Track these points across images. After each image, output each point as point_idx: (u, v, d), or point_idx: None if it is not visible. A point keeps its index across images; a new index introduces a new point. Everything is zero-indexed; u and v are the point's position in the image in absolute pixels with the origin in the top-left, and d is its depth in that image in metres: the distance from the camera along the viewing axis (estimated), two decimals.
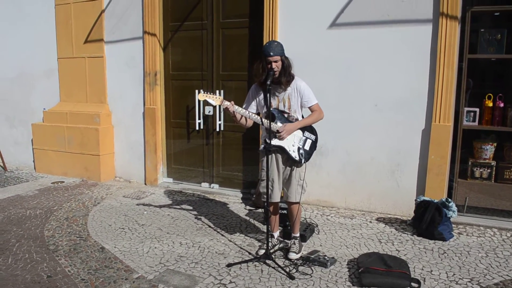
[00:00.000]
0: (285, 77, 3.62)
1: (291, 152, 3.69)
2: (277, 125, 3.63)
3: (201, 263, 3.73)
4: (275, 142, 3.64)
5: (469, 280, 3.40)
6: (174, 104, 5.95)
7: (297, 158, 3.70)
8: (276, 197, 3.78)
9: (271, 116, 3.58)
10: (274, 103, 3.70)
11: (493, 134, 4.56)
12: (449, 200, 4.21)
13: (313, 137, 3.79)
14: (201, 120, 5.71)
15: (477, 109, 4.50)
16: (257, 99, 3.80)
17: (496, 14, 4.33)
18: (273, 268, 3.61)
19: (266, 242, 3.72)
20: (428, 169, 4.54)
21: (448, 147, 4.47)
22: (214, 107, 5.56)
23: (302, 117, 3.78)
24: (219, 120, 5.57)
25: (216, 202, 5.38)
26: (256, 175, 5.53)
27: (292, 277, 3.45)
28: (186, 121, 5.88)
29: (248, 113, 3.69)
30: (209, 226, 4.57)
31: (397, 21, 4.49)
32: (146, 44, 5.77)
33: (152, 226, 4.58)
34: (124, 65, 5.99)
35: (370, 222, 4.67)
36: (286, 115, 3.71)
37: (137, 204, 5.28)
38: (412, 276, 3.41)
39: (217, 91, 5.52)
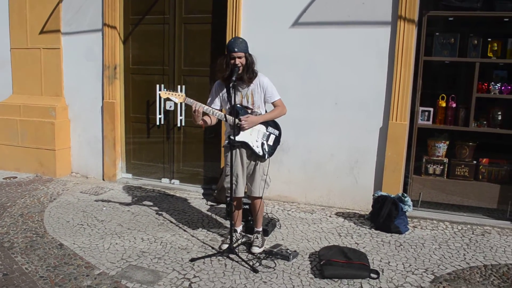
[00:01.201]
0: (248, 74, 3.63)
1: (255, 148, 3.72)
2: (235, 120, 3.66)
3: (164, 258, 3.70)
4: (239, 137, 3.66)
5: (424, 270, 3.58)
6: (134, 99, 5.84)
7: (261, 153, 3.74)
8: (240, 192, 3.80)
9: (233, 111, 3.60)
10: (237, 99, 3.70)
11: (445, 133, 4.81)
12: (405, 195, 4.40)
13: (276, 132, 3.84)
14: (162, 115, 5.64)
15: (431, 109, 4.73)
16: (220, 95, 3.80)
17: (450, 19, 4.55)
18: (237, 262, 3.64)
19: (229, 236, 3.74)
20: (385, 166, 4.72)
21: (404, 145, 4.66)
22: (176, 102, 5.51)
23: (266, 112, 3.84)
24: (180, 115, 5.52)
25: (177, 198, 5.34)
26: (216, 171, 5.52)
27: (256, 271, 3.49)
28: (146, 116, 5.79)
29: (212, 110, 3.69)
30: (171, 222, 4.53)
31: (357, 22, 4.64)
32: (105, 37, 5.62)
33: (112, 222, 4.48)
34: (82, 57, 5.80)
35: (330, 216, 4.79)
36: (249, 111, 3.73)
37: (96, 200, 5.14)
38: (371, 267, 3.54)
39: (179, 87, 5.47)
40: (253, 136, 3.72)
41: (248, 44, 3.62)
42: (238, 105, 3.68)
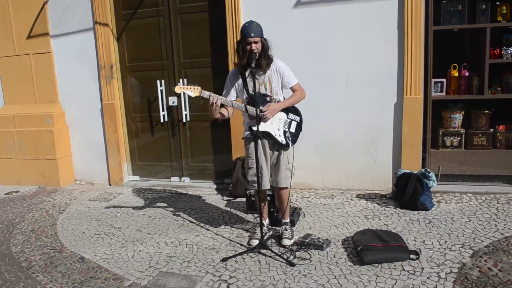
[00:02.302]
0: (265, 59, 3.48)
1: (277, 137, 3.58)
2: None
3: (194, 261, 3.55)
4: (260, 127, 3.50)
5: (461, 245, 3.51)
6: (134, 97, 5.63)
7: (284, 142, 3.60)
8: (266, 184, 3.66)
9: (254, 100, 3.44)
10: (256, 87, 3.55)
11: (460, 103, 4.73)
12: (428, 170, 4.31)
13: (298, 118, 3.70)
14: (165, 112, 5.44)
15: (444, 80, 4.63)
16: (236, 85, 3.63)
17: None
18: (270, 257, 3.52)
19: (260, 231, 3.62)
20: (403, 142, 4.62)
21: (420, 119, 4.56)
22: (179, 96, 5.32)
23: (284, 98, 3.69)
24: (185, 110, 5.34)
25: (190, 196, 5.18)
26: (227, 164, 5.38)
27: (292, 264, 3.37)
28: (149, 114, 5.59)
29: (230, 101, 3.53)
30: (191, 222, 4.39)
31: None
32: (98, 35, 5.36)
33: (130, 228, 4.31)
34: (75, 59, 5.54)
35: (351, 199, 4.70)
36: (268, 99, 3.57)
37: (107, 207, 4.96)
38: (409, 248, 3.48)
39: (181, 80, 5.27)
40: (274, 124, 3.57)
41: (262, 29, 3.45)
42: (256, 94, 3.52)
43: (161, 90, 5.36)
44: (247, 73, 3.56)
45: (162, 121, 5.46)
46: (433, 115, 4.66)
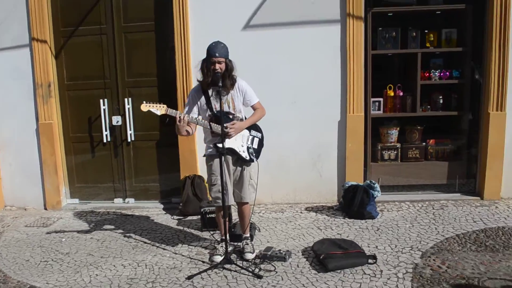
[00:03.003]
0: (229, 80, 3.56)
1: (241, 153, 3.66)
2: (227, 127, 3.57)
3: (158, 281, 3.46)
4: (226, 144, 3.55)
5: (410, 248, 3.81)
6: (73, 117, 5.36)
7: (248, 158, 3.69)
8: (231, 199, 3.70)
9: (220, 119, 3.48)
10: (218, 105, 3.60)
11: (395, 120, 5.16)
12: (373, 181, 4.64)
13: (259, 134, 3.83)
14: (108, 132, 5.27)
15: (381, 99, 5.05)
16: (198, 103, 3.67)
17: (389, 14, 4.90)
18: (235, 271, 3.54)
19: (225, 246, 3.62)
20: (347, 157, 4.92)
21: (362, 135, 4.91)
22: (123, 116, 5.19)
23: (245, 117, 3.78)
24: (130, 130, 5.21)
25: (138, 217, 5.01)
26: (174, 183, 5.32)
27: (260, 276, 3.42)
28: (89, 134, 5.35)
29: (195, 119, 3.56)
30: (145, 242, 4.25)
31: (308, 22, 4.78)
32: (35, 53, 5.07)
33: (79, 253, 4.07)
34: (7, 77, 5.17)
35: (301, 212, 4.87)
36: (231, 116, 3.66)
37: (48, 232, 4.62)
38: (366, 253, 3.70)
39: (125, 100, 5.16)
40: (238, 141, 3.65)
41: (228, 50, 3.57)
42: (218, 112, 3.56)
43: (104, 110, 5.19)
44: (210, 91, 3.62)
45: (104, 141, 5.26)
46: (372, 132, 5.05)
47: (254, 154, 3.71)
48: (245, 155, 3.67)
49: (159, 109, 3.45)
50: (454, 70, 4.92)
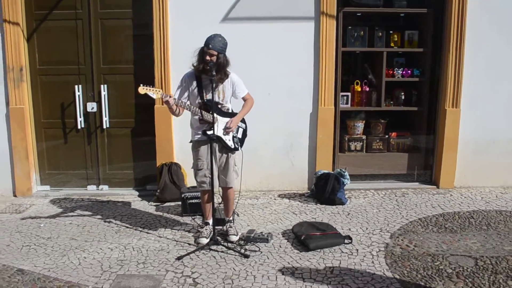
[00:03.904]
0: (220, 74, 3.73)
1: (227, 141, 3.86)
2: (216, 116, 3.75)
3: (149, 262, 3.59)
4: (210, 132, 3.73)
5: (380, 230, 4.18)
6: (45, 103, 5.27)
7: (233, 146, 3.90)
8: (216, 184, 3.89)
9: (211, 107, 3.67)
10: (209, 94, 3.77)
11: (361, 113, 5.54)
12: (343, 170, 4.98)
13: (243, 125, 4.05)
14: (82, 118, 5.23)
15: (349, 94, 5.40)
16: (190, 89, 3.81)
17: (358, 14, 5.25)
18: (222, 252, 3.73)
19: (213, 228, 3.81)
20: (317, 147, 5.23)
21: (332, 127, 5.24)
22: (99, 102, 5.18)
23: (232, 109, 3.98)
24: (105, 116, 5.21)
25: (114, 203, 5.04)
26: (149, 170, 5.40)
27: (247, 256, 3.65)
28: (62, 120, 5.29)
29: (189, 106, 3.71)
30: (127, 227, 4.33)
31: (285, 17, 5.01)
32: (6, 35, 4.93)
33: (62, 238, 4.08)
34: None
35: (275, 199, 5.13)
36: (219, 106, 3.84)
37: (23, 218, 4.56)
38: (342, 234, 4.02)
39: (102, 86, 5.15)
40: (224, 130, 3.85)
41: (226, 45, 3.78)
42: (209, 101, 3.73)
43: (79, 96, 5.16)
44: (203, 79, 3.77)
45: (79, 127, 5.22)
46: (340, 124, 5.39)
47: (238, 143, 3.93)
48: (230, 143, 3.88)
49: (155, 93, 3.58)
50: (415, 69, 5.37)
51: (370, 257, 3.63)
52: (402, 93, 5.41)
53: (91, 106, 5.22)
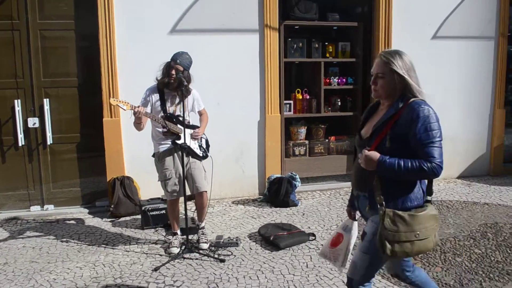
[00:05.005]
0: (180, 89, 3.80)
1: (196, 150, 3.97)
2: (178, 127, 3.85)
3: (126, 276, 3.54)
4: (181, 141, 3.82)
5: (336, 226, 4.53)
6: None
7: (201, 155, 4.03)
8: (184, 193, 3.96)
9: (173, 120, 3.82)
10: (171, 108, 3.89)
11: (303, 120, 5.90)
12: (294, 173, 5.28)
13: (205, 136, 4.19)
14: (22, 135, 4.91)
15: (291, 101, 5.75)
16: (153, 103, 3.87)
17: (296, 27, 5.63)
18: (197, 259, 3.80)
19: (186, 236, 3.86)
20: (266, 154, 5.49)
21: (279, 134, 5.52)
22: (41, 117, 4.91)
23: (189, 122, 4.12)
24: (49, 132, 4.95)
25: (65, 223, 4.80)
26: (98, 186, 5.26)
27: (223, 260, 3.76)
28: None
29: (154, 117, 3.77)
30: (88, 245, 4.18)
31: (232, 29, 5.23)
32: None
33: (20, 262, 3.82)
34: None
35: (230, 206, 5.27)
36: (181, 118, 3.93)
37: None
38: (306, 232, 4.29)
39: (45, 100, 4.90)
40: (192, 140, 3.96)
41: (191, 63, 3.92)
42: (171, 114, 3.87)
43: (18, 111, 4.85)
44: (166, 92, 3.84)
45: (20, 144, 4.90)
46: (285, 131, 5.70)
47: (204, 151, 4.07)
48: (198, 151, 4.01)
49: (125, 105, 3.59)
50: (348, 77, 5.89)
51: None
52: (338, 100, 5.90)
53: (33, 122, 4.93)
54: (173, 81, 3.77)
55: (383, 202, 2.18)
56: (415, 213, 2.17)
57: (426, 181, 2.29)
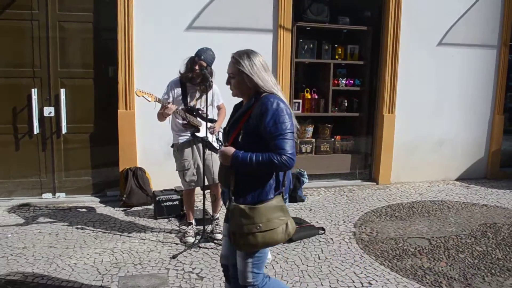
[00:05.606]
0: (203, 84, 3.96)
1: (213, 143, 4.09)
2: (198, 120, 3.99)
3: (146, 262, 3.66)
4: (200, 135, 3.96)
5: (343, 221, 4.70)
6: None
7: (218, 147, 4.12)
8: (202, 183, 4.08)
9: (193, 113, 3.96)
10: (192, 102, 4.02)
11: (310, 119, 6.06)
12: (302, 170, 5.42)
13: (221, 129, 4.29)
14: (37, 123, 4.99)
15: (300, 100, 5.90)
16: (175, 94, 3.99)
17: (308, 29, 5.78)
18: (213, 249, 3.93)
19: (203, 226, 4.00)
20: None
21: None
22: (56, 107, 5.00)
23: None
24: (63, 121, 5.03)
25: (78, 211, 4.89)
26: (110, 176, 5.37)
27: None
28: (13, 125, 5.00)
29: (179, 111, 3.89)
30: (104, 232, 4.28)
31: (246, 28, 5.36)
32: None
33: (38, 247, 3.92)
34: None
35: None
36: (200, 112, 4.06)
37: None
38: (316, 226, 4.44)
39: (61, 90, 4.98)
40: (209, 133, 4.08)
41: (214, 59, 4.04)
42: (192, 107, 4.00)
43: (35, 100, 4.92)
44: (188, 86, 3.96)
45: (34, 133, 4.97)
46: None
47: (221, 144, 4.17)
48: (215, 144, 4.13)
49: (150, 97, 3.70)
50: (356, 79, 6.06)
51: (345, 244, 4.11)
52: (345, 101, 6.06)
53: (48, 111, 5.02)
54: (196, 76, 3.89)
55: (232, 197, 2.26)
56: (255, 206, 2.22)
57: (283, 173, 2.35)
